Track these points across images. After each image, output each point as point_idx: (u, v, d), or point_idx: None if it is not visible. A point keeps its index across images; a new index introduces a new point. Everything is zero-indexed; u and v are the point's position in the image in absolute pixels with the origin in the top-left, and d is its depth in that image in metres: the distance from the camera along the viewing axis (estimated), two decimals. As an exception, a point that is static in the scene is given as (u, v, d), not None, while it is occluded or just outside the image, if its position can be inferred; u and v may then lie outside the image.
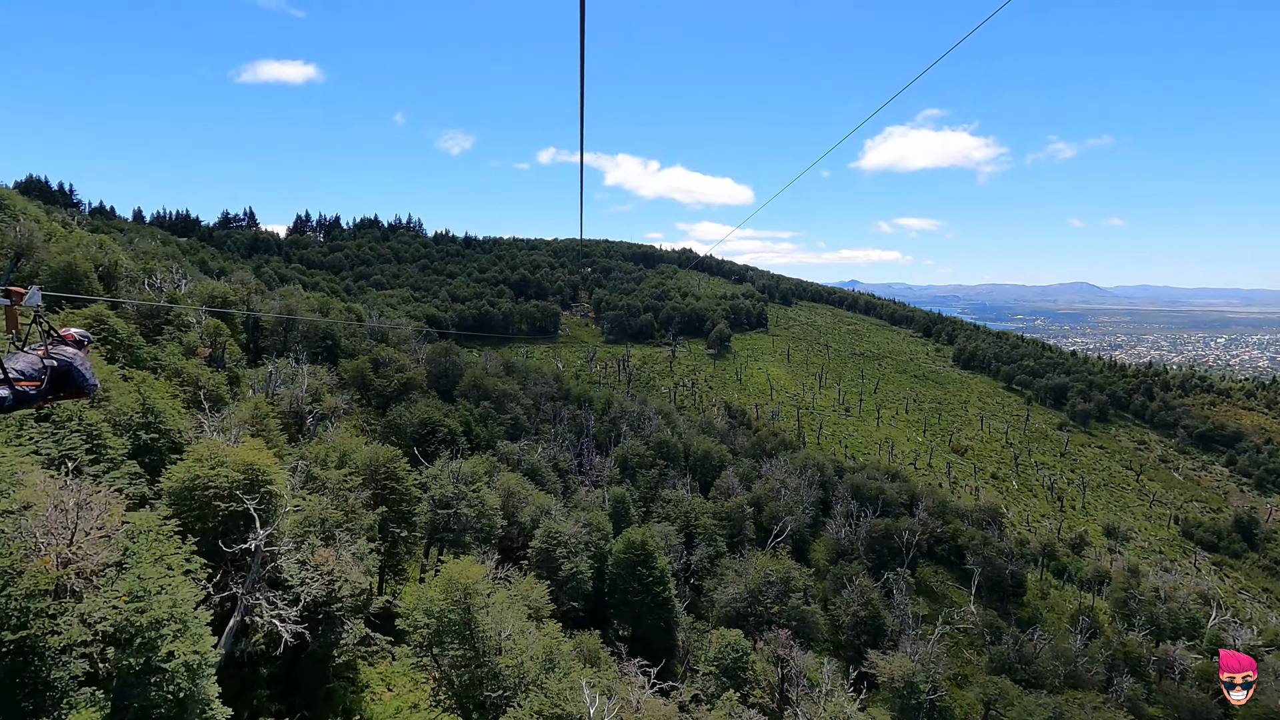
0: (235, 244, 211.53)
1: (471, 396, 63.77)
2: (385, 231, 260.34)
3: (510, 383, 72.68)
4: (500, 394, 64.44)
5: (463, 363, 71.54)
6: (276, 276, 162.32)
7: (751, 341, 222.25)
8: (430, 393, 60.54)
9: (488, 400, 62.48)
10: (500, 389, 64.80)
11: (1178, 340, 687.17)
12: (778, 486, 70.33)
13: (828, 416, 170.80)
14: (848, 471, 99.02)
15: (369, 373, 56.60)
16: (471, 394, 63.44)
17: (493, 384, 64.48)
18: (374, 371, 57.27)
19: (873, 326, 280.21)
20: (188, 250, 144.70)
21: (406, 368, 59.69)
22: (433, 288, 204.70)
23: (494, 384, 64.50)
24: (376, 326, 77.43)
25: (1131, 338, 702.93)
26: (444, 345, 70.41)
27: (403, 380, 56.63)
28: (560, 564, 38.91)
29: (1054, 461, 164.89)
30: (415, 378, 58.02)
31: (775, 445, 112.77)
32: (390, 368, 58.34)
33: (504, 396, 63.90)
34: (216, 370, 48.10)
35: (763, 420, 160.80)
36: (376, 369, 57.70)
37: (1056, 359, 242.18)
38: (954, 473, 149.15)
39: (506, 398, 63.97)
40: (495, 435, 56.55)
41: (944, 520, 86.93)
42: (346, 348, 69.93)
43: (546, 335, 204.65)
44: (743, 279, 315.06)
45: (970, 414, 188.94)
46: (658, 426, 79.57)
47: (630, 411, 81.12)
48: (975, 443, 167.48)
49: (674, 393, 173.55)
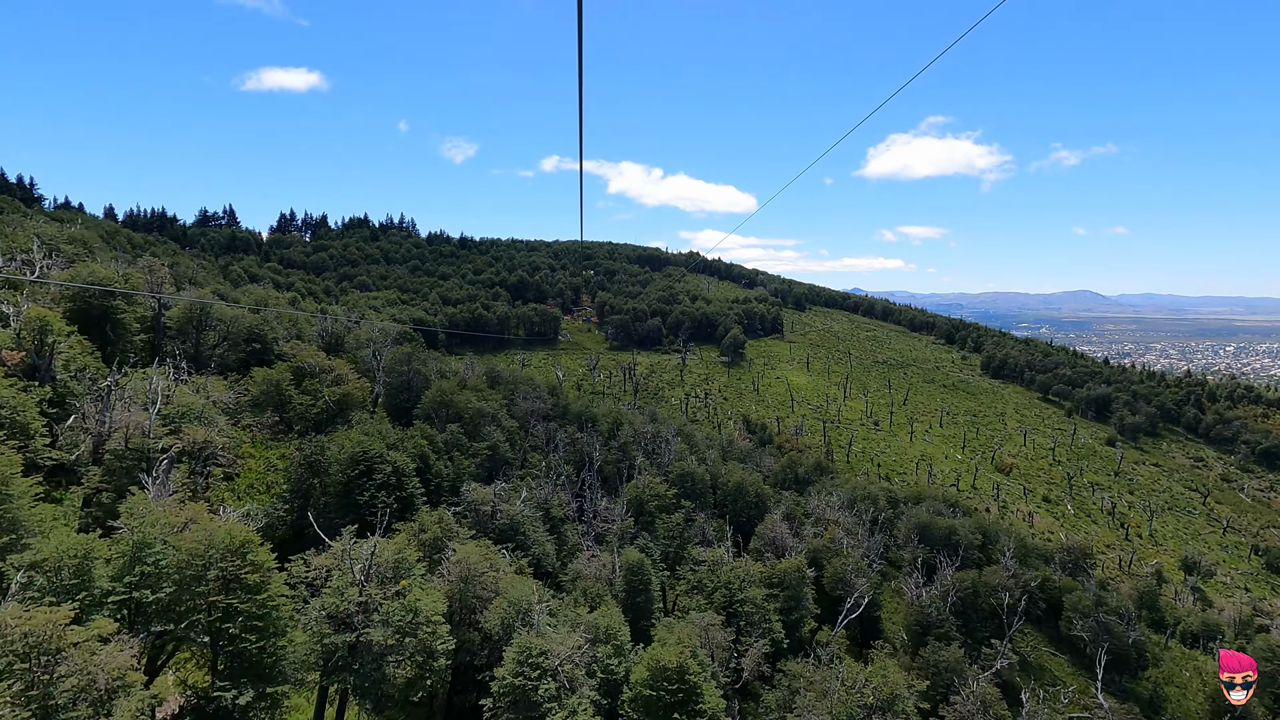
0: (210, 243, 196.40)
1: (438, 418, 48.05)
2: (375, 231, 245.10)
3: (492, 398, 56.69)
4: (475, 413, 48.47)
5: (432, 373, 55.60)
6: (246, 275, 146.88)
7: (767, 348, 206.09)
8: (379, 414, 44.99)
9: (458, 423, 46.71)
10: (475, 407, 48.75)
11: (1186, 348, 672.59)
12: (840, 538, 53.91)
13: (856, 430, 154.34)
14: (903, 503, 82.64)
15: (287, 386, 40.63)
16: (438, 415, 47.65)
17: (465, 401, 48.51)
18: (295, 385, 41.33)
19: (892, 333, 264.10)
20: (141, 245, 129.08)
21: (345, 379, 43.49)
22: (422, 290, 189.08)
23: (466, 401, 48.62)
24: (328, 329, 61.67)
25: (1139, 346, 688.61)
26: (406, 351, 54.32)
27: (335, 398, 40.60)
28: (546, 715, 22.83)
29: (1109, 481, 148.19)
30: (354, 393, 41.73)
31: (809, 468, 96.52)
32: (321, 379, 42.25)
33: (480, 417, 47.95)
34: (37, 384, 32.12)
35: (786, 436, 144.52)
36: (300, 381, 41.65)
37: (1092, 367, 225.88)
38: (1002, 495, 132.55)
39: (483, 418, 48.05)
40: (463, 473, 40.77)
41: (1025, 565, 70.63)
42: (288, 354, 54.26)
43: (545, 341, 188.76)
44: (753, 283, 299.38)
45: (1009, 428, 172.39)
46: (678, 452, 63.39)
47: (644, 433, 64.98)
48: (1020, 460, 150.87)
49: (685, 404, 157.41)
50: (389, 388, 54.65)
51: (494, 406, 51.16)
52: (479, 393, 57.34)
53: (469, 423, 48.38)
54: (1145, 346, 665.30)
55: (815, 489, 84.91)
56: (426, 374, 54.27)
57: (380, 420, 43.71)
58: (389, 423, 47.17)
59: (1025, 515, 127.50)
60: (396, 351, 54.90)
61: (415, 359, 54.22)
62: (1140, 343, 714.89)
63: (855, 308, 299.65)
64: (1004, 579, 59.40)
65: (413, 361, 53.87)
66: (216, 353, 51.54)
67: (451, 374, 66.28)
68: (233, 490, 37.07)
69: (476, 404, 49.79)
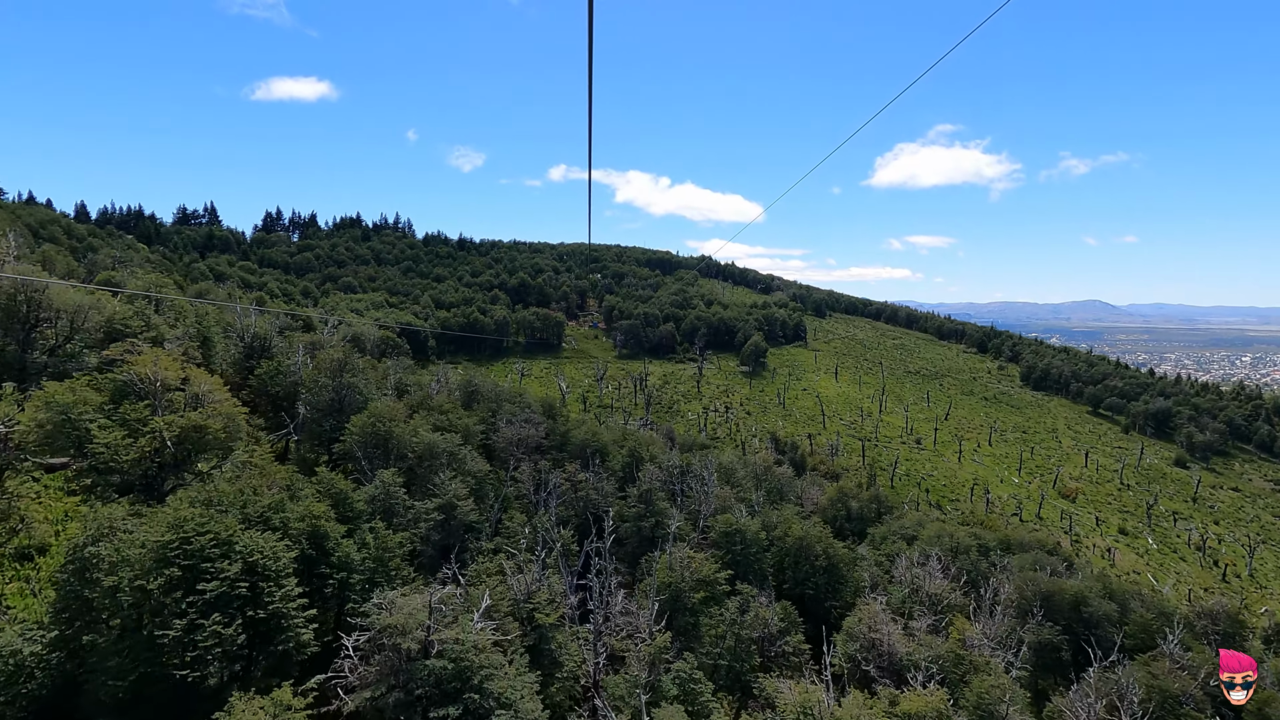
0: (186, 242, 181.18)
1: (369, 460, 31.34)
2: (367, 231, 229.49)
3: (461, 424, 39.83)
4: (426, 451, 31.57)
5: (373, 389, 38.80)
6: (209, 273, 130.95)
7: (790, 357, 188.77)
8: (265, 457, 28.52)
9: (400, 466, 30.10)
10: (425, 442, 32.13)
11: (1201, 359, 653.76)
12: (972, 639, 36.34)
13: (897, 449, 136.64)
14: (994, 550, 64.95)
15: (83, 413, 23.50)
16: (369, 456, 31.03)
17: (407, 434, 31.98)
18: (109, 409, 24.49)
19: (919, 341, 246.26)
20: (81, 237, 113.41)
21: (203, 399, 26.69)
22: (414, 292, 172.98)
23: (409, 434, 33.09)
24: (251, 330, 45.07)
25: (1153, 356, 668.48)
26: (337, 358, 37.45)
27: (175, 434, 23.72)
28: None
29: (1187, 509, 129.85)
30: (211, 428, 24.71)
31: (864, 503, 79.15)
32: (157, 399, 25.40)
33: (432, 457, 31.07)
34: None
35: (820, 457, 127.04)
36: (118, 403, 24.97)
37: (1141, 378, 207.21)
38: (1073, 526, 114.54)
39: (437, 460, 31.22)
40: (387, 560, 24.09)
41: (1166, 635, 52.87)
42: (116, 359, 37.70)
43: (548, 349, 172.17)
44: (769, 288, 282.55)
45: (1065, 446, 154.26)
46: (718, 500, 46.11)
47: (672, 468, 47.95)
48: (1084, 484, 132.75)
49: (703, 419, 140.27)
50: (314, 410, 37.99)
51: (454, 441, 34.15)
52: (444, 415, 40.38)
53: (419, 466, 31.75)
54: (1159, 357, 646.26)
55: (883, 534, 67.69)
56: (364, 390, 37.56)
57: (266, 468, 27.27)
58: (298, 470, 30.46)
59: (1104, 551, 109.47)
60: (323, 358, 38.16)
61: (349, 368, 37.45)
62: (1154, 353, 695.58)
63: (877, 314, 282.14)
64: (1185, 681, 41.86)
65: (345, 372, 37.11)
66: (57, 356, 35.02)
67: (414, 388, 49.34)
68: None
69: (428, 437, 32.86)
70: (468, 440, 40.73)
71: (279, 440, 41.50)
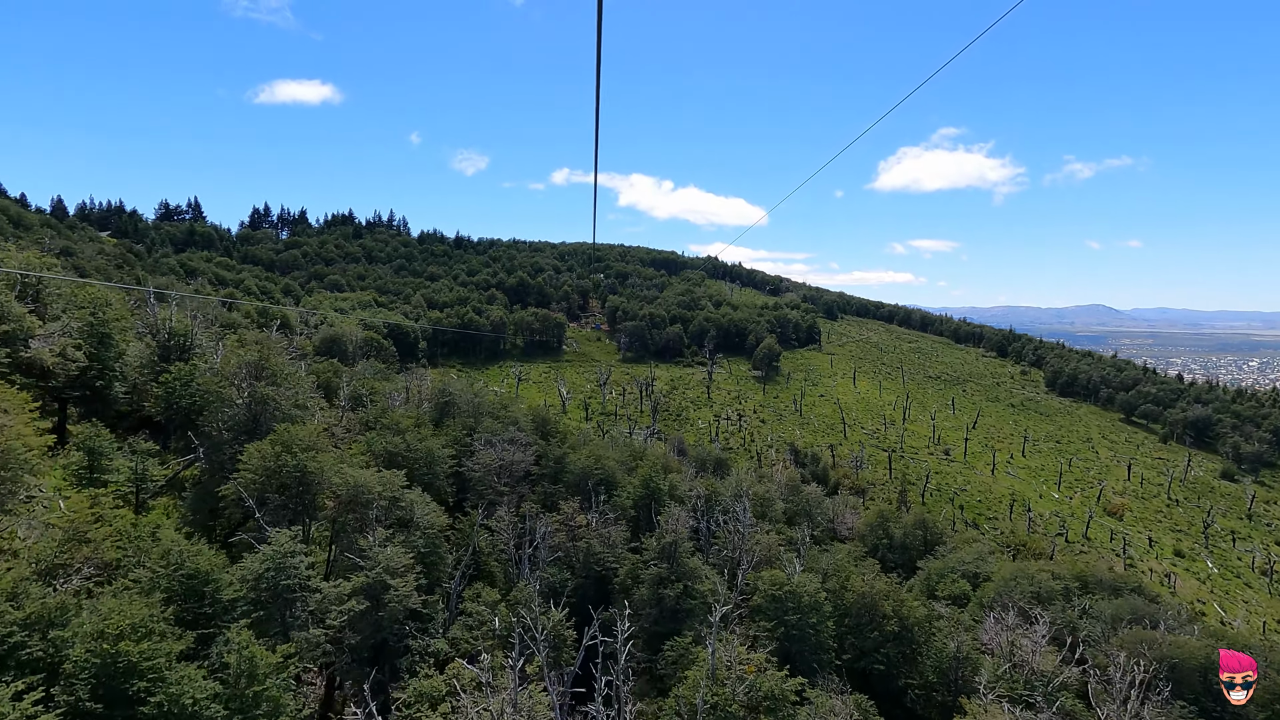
0: (165, 238, 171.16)
1: (278, 512, 21.09)
2: (358, 229, 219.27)
3: (430, 444, 29.59)
4: (351, 498, 21.42)
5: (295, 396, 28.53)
6: (179, 268, 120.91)
7: (804, 360, 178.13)
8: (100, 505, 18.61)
9: (310, 520, 20.00)
10: (350, 484, 22.17)
11: (1208, 363, 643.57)
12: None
13: (925, 460, 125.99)
14: (1076, 594, 54.29)
15: None
16: (278, 505, 20.89)
17: (318, 471, 21.77)
18: None
19: (936, 344, 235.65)
20: (33, 227, 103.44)
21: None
22: (405, 292, 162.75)
23: (320, 471, 22.74)
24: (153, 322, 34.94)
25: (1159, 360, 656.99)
26: (248, 360, 27.14)
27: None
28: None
29: (1244, 527, 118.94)
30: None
31: (907, 529, 68.68)
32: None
33: (360, 506, 20.87)
34: None
35: (844, 470, 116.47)
36: None
37: (1174, 384, 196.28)
38: (1126, 548, 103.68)
39: (364, 508, 21.09)
40: (267, 693, 15.20)
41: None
42: None
43: (548, 351, 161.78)
44: (777, 290, 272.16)
45: (1102, 457, 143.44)
46: (758, 544, 35.40)
47: (695, 498, 37.54)
48: (1130, 500, 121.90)
49: (715, 428, 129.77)
50: (226, 431, 27.74)
51: (394, 482, 23.67)
52: (399, 437, 30.01)
53: (346, 518, 21.51)
54: (1165, 361, 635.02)
55: (938, 572, 57.20)
56: (285, 406, 27.11)
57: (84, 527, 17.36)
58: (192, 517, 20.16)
59: (1162, 577, 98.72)
60: (226, 363, 27.74)
61: (265, 373, 27.15)
62: (1160, 357, 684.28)
63: (889, 317, 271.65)
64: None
65: (261, 379, 26.77)
66: None
67: (363, 399, 38.90)
68: None
69: (355, 476, 22.42)
70: (432, 469, 30.26)
71: (186, 468, 31.23)
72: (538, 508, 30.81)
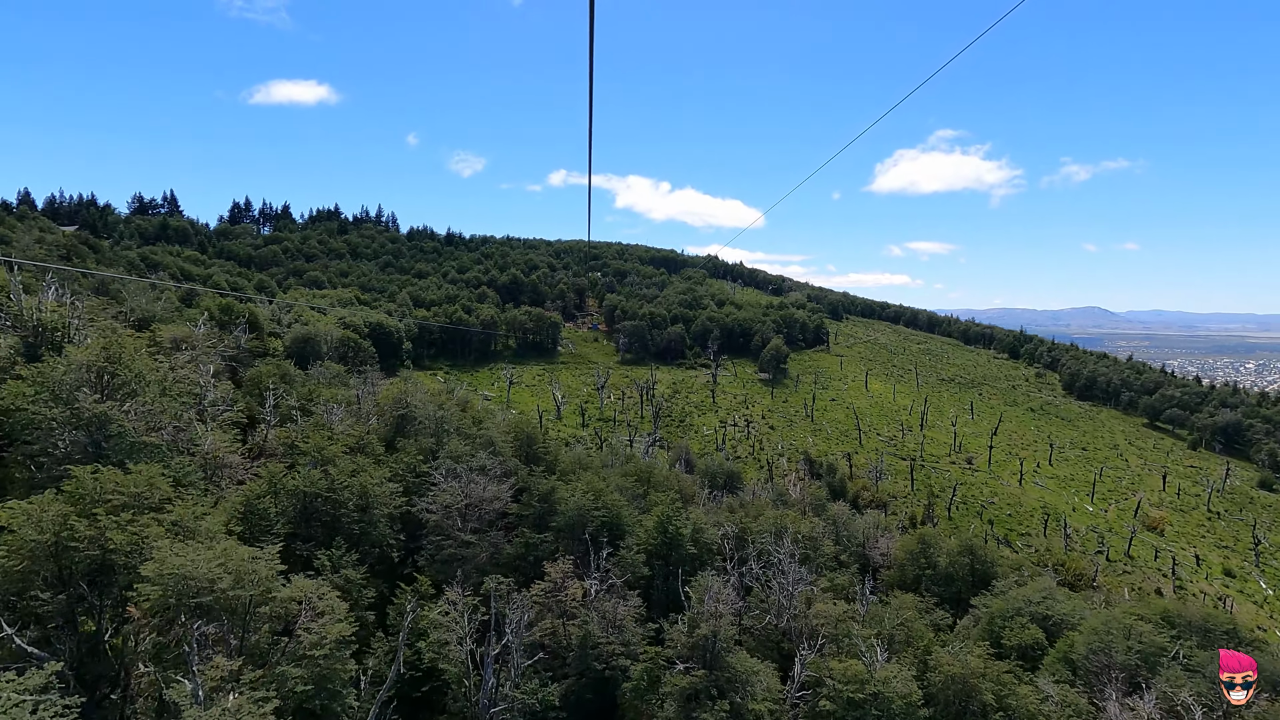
0: (136, 232, 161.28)
1: (68, 620, 12.48)
2: (344, 224, 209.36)
3: (363, 479, 20.50)
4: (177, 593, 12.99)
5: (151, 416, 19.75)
6: (141, 262, 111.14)
7: (812, 362, 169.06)
8: None
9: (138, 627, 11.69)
10: (174, 577, 13.78)
11: (1204, 365, 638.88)
12: None
13: (948, 470, 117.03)
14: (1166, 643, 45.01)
15: None
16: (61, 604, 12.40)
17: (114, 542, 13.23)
18: None
19: (946, 346, 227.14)
20: None
21: None
22: (390, 289, 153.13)
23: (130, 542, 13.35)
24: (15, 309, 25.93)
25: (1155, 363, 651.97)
26: (82, 360, 18.88)
27: None
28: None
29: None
30: None
31: (954, 556, 59.42)
32: None
33: (199, 613, 12.68)
34: None
35: (863, 481, 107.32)
36: None
37: (1199, 389, 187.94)
38: (1175, 568, 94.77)
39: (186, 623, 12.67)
40: None
41: None
42: None
43: (542, 352, 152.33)
44: (780, 289, 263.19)
45: (1132, 466, 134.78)
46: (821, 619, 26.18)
47: (726, 537, 28.18)
48: (1169, 513, 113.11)
49: (720, 434, 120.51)
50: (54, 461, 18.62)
51: (263, 569, 14.57)
52: (331, 470, 20.70)
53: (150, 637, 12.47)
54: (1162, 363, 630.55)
55: (1001, 614, 47.86)
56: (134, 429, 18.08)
57: None
58: None
59: (1215, 600, 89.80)
60: (49, 368, 18.97)
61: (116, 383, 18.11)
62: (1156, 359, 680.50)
63: (895, 317, 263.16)
64: None
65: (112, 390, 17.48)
66: None
67: (294, 414, 29.56)
68: None
69: (174, 562, 13.13)
70: (368, 515, 20.90)
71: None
72: (507, 583, 21.28)
